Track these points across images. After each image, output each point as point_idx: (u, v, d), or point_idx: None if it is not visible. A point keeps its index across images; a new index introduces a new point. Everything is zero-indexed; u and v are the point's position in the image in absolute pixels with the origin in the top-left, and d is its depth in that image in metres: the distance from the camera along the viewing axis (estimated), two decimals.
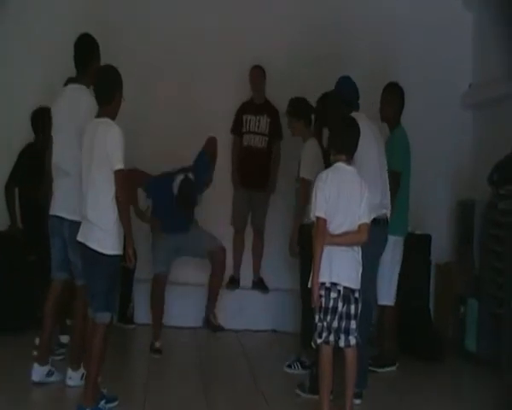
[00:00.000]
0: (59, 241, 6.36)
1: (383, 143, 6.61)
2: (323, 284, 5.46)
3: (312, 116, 7.34)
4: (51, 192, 6.41)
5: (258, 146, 8.83)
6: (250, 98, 9.00)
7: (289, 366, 7.24)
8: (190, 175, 7.74)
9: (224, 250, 8.29)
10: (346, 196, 5.50)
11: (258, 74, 8.89)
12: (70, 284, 6.42)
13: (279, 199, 8.97)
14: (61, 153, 6.32)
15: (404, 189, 7.25)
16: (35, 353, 6.53)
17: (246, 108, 8.95)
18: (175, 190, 7.70)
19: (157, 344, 7.68)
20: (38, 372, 6.38)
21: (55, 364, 6.57)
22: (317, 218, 5.47)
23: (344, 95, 6.48)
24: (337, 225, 5.49)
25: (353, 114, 6.21)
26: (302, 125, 7.35)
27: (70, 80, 6.58)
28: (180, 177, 7.71)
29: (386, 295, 7.38)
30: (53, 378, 6.42)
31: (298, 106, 7.44)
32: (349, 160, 5.63)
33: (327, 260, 5.46)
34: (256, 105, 8.93)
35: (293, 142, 7.95)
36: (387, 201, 6.38)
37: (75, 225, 5.93)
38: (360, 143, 5.69)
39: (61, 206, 6.30)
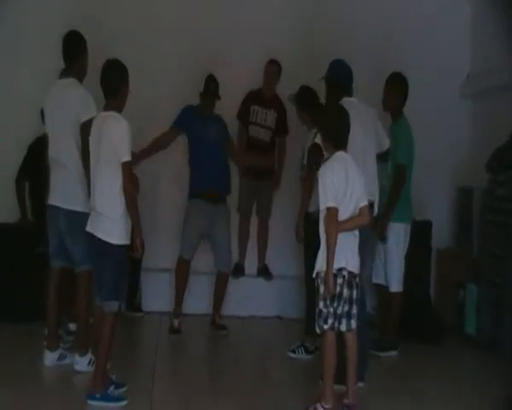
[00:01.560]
0: (55, 230, 6.49)
1: (373, 129, 6.56)
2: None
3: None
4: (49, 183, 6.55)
5: (264, 139, 8.82)
6: (259, 88, 8.91)
7: (293, 351, 7.33)
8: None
9: (228, 277, 8.41)
10: (351, 183, 5.57)
11: (273, 70, 8.82)
12: (70, 272, 6.56)
13: (283, 187, 9.04)
14: (55, 145, 6.46)
15: (408, 179, 7.35)
16: (45, 343, 6.70)
17: (254, 99, 8.86)
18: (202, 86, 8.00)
19: (175, 323, 8.00)
20: (50, 358, 6.58)
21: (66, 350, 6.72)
22: (329, 208, 5.51)
23: (339, 78, 6.53)
24: (343, 212, 5.55)
25: (345, 100, 6.29)
26: (307, 114, 7.42)
27: (62, 74, 6.71)
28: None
29: (396, 282, 7.49)
30: (67, 361, 6.60)
31: (303, 94, 7.54)
32: (345, 148, 5.72)
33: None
34: (265, 97, 8.86)
35: (296, 134, 8.07)
36: (373, 188, 6.41)
37: (71, 214, 6.08)
38: None
39: (57, 195, 6.44)
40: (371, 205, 6.35)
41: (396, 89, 7.49)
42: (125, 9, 8.98)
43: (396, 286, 7.52)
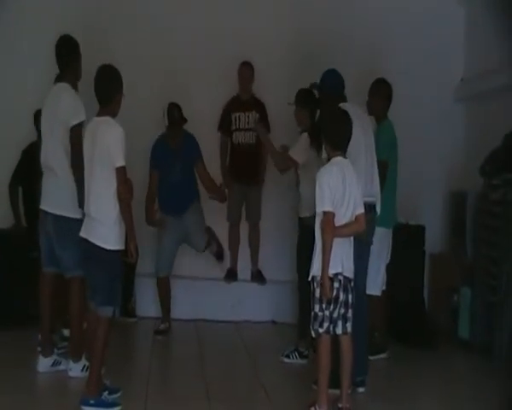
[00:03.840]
0: (45, 235, 6.50)
1: (372, 132, 6.62)
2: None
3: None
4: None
5: (249, 142, 8.83)
6: (236, 95, 8.94)
7: (287, 356, 7.32)
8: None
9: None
10: (348, 189, 5.59)
11: (247, 71, 8.88)
12: (63, 277, 6.55)
13: (273, 192, 9.05)
14: (45, 150, 6.48)
15: (390, 181, 7.21)
16: (39, 348, 6.69)
17: (234, 106, 8.90)
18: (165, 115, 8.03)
19: (162, 326, 8.04)
20: (43, 364, 6.57)
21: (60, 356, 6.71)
22: (326, 212, 5.53)
23: (331, 88, 6.58)
24: (340, 218, 5.58)
25: (343, 105, 6.30)
26: (305, 114, 7.35)
27: (56, 79, 6.73)
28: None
29: (373, 285, 7.44)
30: (61, 367, 6.59)
31: (302, 95, 7.50)
32: (344, 153, 5.75)
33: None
34: (243, 101, 8.89)
35: (281, 133, 8.08)
36: (375, 189, 6.43)
37: (59, 220, 6.08)
38: None
39: (46, 200, 6.45)
40: (373, 207, 6.40)
41: (380, 93, 7.50)
42: (120, 13, 9.04)
43: (373, 289, 7.40)
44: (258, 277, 9.14)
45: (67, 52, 6.60)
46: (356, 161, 5.99)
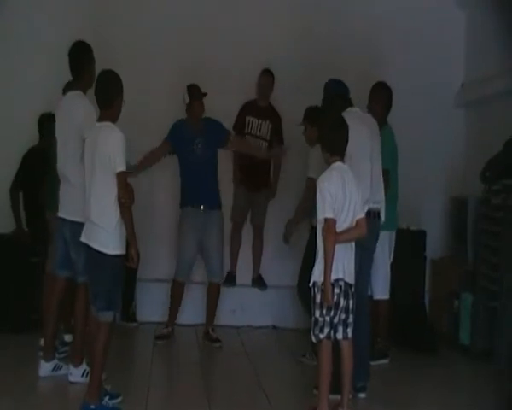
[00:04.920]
0: (60, 240, 6.52)
1: (378, 138, 6.62)
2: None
3: None
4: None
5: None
6: (254, 99, 8.94)
7: (304, 356, 7.35)
8: None
9: (219, 288, 8.33)
10: (348, 194, 5.61)
11: (267, 80, 8.88)
12: (72, 282, 6.55)
13: (277, 197, 9.05)
14: (61, 159, 6.50)
15: (391, 186, 7.26)
16: (40, 353, 6.70)
17: (249, 109, 8.88)
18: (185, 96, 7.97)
19: (164, 330, 8.02)
20: (44, 368, 6.58)
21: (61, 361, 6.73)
22: (327, 219, 5.55)
23: (337, 92, 6.58)
24: (341, 223, 5.60)
25: (350, 110, 6.35)
26: (315, 131, 7.31)
27: (67, 86, 6.75)
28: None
29: (381, 289, 7.51)
30: (62, 372, 6.59)
31: (311, 113, 7.58)
32: (343, 158, 5.76)
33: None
34: (259, 108, 8.88)
35: (293, 145, 8.08)
36: (380, 196, 6.47)
37: (75, 226, 6.08)
38: (352, 139, 5.77)
39: (62, 208, 6.49)
40: (378, 213, 6.40)
41: (380, 98, 7.50)
42: (124, 17, 9.03)
43: (380, 294, 7.50)
44: (259, 282, 9.14)
45: (79, 60, 6.57)
46: (361, 167, 6.04)
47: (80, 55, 6.58)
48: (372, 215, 6.27)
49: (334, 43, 9.05)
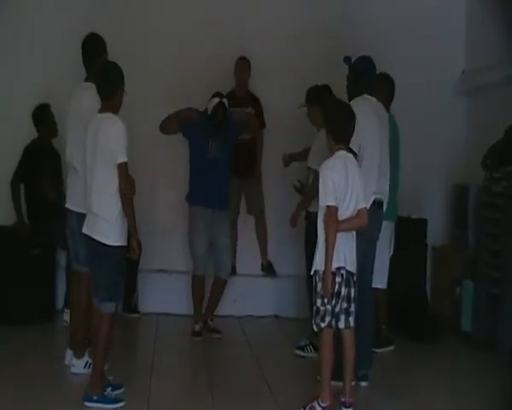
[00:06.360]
0: (71, 233, 6.49)
1: (387, 129, 6.61)
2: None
3: None
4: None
5: (244, 137, 8.69)
6: (232, 90, 8.87)
7: (301, 349, 7.32)
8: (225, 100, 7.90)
9: (225, 283, 8.25)
10: (351, 183, 5.60)
11: (244, 66, 8.90)
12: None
13: (277, 185, 9.02)
14: (70, 150, 6.48)
15: (392, 175, 7.20)
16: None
17: (228, 100, 8.76)
18: (209, 110, 7.87)
19: (196, 327, 7.96)
20: (77, 365, 6.52)
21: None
22: (329, 206, 5.54)
23: (362, 76, 6.48)
24: (343, 212, 5.59)
25: (365, 97, 6.34)
26: (317, 111, 7.29)
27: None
28: (215, 100, 7.88)
29: (379, 278, 7.49)
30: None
31: (312, 93, 7.52)
32: (347, 147, 5.75)
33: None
34: (239, 97, 8.83)
35: (278, 130, 8.03)
36: (385, 187, 6.47)
37: (82, 217, 6.09)
38: (362, 129, 5.80)
39: (70, 199, 6.48)
40: (381, 203, 6.41)
41: (382, 89, 7.46)
42: (124, 12, 9.01)
43: (379, 282, 7.46)
44: (268, 269, 9.17)
45: (90, 51, 6.55)
46: (369, 157, 6.04)
47: (91, 48, 6.57)
48: (376, 205, 6.26)
49: (332, 34, 9.00)
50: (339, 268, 5.58)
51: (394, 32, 9.19)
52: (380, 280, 7.44)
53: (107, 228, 5.69)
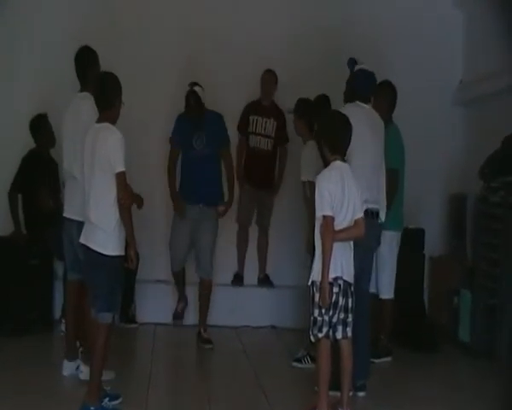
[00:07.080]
0: (69, 242, 6.50)
1: (382, 138, 6.58)
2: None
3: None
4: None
5: (264, 148, 8.87)
6: (258, 99, 9.00)
7: (299, 361, 7.29)
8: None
9: (211, 284, 8.17)
10: (347, 193, 5.60)
11: (270, 79, 8.96)
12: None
13: (283, 198, 9.08)
14: (69, 159, 6.51)
15: (400, 185, 7.33)
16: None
17: (253, 109, 8.96)
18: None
19: (205, 335, 7.94)
20: (67, 367, 6.64)
21: None
22: (325, 216, 5.54)
23: (358, 89, 6.48)
24: (340, 222, 5.59)
25: (357, 104, 6.34)
26: (303, 124, 7.43)
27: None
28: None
29: (387, 289, 7.53)
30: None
31: (300, 105, 7.56)
32: (343, 157, 5.75)
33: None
34: (263, 107, 8.96)
35: (297, 143, 8.06)
36: (380, 196, 6.46)
37: (83, 226, 6.09)
38: (354, 139, 5.75)
39: (69, 208, 6.49)
40: (376, 214, 6.40)
41: (384, 97, 7.48)
42: (121, 17, 9.04)
43: (387, 293, 7.54)
44: (266, 281, 9.17)
45: (83, 63, 6.63)
46: (357, 163, 5.99)
47: (84, 60, 6.65)
48: (370, 215, 6.25)
49: (329, 42, 9.04)
50: (336, 278, 5.57)
51: (392, 42, 9.23)
52: (388, 291, 7.48)
53: (104, 238, 5.68)
